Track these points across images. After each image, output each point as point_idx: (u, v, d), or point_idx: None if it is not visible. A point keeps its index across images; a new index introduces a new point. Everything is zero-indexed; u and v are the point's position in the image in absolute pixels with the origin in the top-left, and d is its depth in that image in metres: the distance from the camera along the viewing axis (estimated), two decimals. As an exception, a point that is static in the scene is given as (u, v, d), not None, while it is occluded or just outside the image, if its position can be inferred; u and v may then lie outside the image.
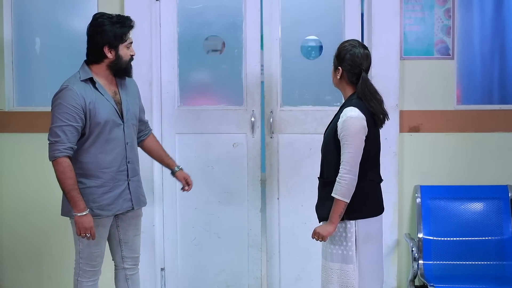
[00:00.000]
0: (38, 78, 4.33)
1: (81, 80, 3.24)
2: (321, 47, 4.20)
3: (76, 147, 3.20)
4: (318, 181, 3.25)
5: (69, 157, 3.17)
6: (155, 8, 4.15)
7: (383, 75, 4.04)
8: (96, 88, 3.26)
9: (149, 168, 4.06)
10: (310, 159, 3.91)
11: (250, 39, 4.16)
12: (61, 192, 4.15)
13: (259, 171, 4.19)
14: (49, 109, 4.16)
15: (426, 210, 4.08)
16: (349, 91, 3.17)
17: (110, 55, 3.26)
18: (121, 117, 3.31)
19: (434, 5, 4.11)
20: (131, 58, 3.32)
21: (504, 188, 4.10)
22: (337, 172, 3.05)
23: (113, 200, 3.32)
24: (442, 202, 4.11)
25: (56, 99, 3.22)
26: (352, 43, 3.17)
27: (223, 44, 4.27)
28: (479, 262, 4.01)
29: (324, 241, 3.12)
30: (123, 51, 3.27)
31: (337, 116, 3.16)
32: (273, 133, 4.15)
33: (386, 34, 4.07)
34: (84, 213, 3.17)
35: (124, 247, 3.49)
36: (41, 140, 4.17)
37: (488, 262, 4.00)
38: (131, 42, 3.29)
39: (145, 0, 4.09)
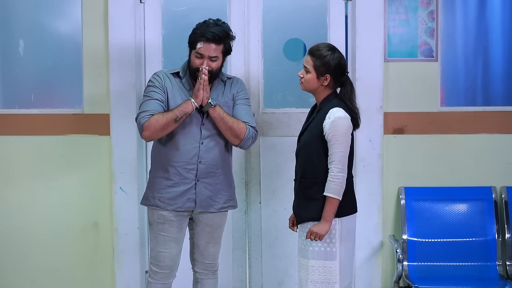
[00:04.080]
0: (22, 80, 4.30)
1: (171, 73, 3.44)
2: (304, 49, 4.20)
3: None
4: (298, 183, 3.29)
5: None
6: (139, 10, 4.14)
7: (367, 77, 4.06)
8: (182, 83, 3.41)
9: (134, 171, 4.05)
10: (293, 162, 3.84)
11: (234, 42, 4.14)
12: (46, 197, 4.19)
13: (243, 173, 4.19)
14: (33, 111, 4.21)
15: (411, 211, 4.10)
16: (325, 94, 3.25)
17: (189, 54, 3.39)
18: (202, 117, 3.36)
19: (418, 7, 4.12)
20: (198, 69, 3.29)
21: (487, 190, 4.12)
22: (326, 172, 3.13)
23: (176, 196, 3.36)
24: (427, 203, 4.12)
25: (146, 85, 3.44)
26: (331, 47, 3.25)
27: (208, 46, 4.26)
28: (463, 263, 4.03)
29: (321, 240, 3.17)
30: (192, 57, 3.35)
31: (316, 118, 3.21)
32: (255, 136, 4.16)
33: (370, 36, 4.08)
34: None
35: (196, 250, 3.51)
36: (24, 143, 4.19)
37: (472, 263, 4.03)
38: (201, 54, 3.30)
39: (129, 2, 4.07)
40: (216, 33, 3.28)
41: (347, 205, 3.23)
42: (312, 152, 3.20)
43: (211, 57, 3.30)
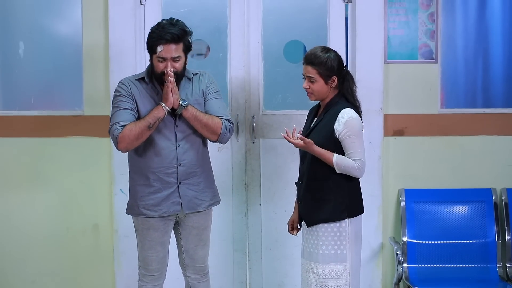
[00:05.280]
0: (22, 82, 4.30)
1: (136, 79, 3.34)
2: (304, 51, 4.20)
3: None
4: (305, 186, 3.27)
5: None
6: (139, 12, 4.14)
7: (367, 79, 4.06)
8: (149, 88, 3.32)
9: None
10: (293, 163, 3.90)
11: (234, 43, 4.16)
12: (46, 199, 4.19)
13: (243, 175, 4.19)
14: (33, 113, 4.21)
15: (411, 213, 4.10)
16: (332, 95, 3.25)
17: (150, 60, 3.31)
18: (174, 119, 3.30)
19: (418, 9, 4.13)
20: (163, 73, 3.21)
21: (487, 191, 4.12)
22: (336, 173, 3.15)
23: (160, 202, 3.32)
24: (427, 205, 4.12)
25: (113, 95, 3.36)
26: (324, 49, 3.25)
27: (208, 48, 4.27)
28: (463, 265, 4.03)
29: (296, 142, 3.15)
30: (154, 62, 3.25)
31: (325, 119, 3.22)
32: (255, 138, 4.16)
33: (370, 38, 4.08)
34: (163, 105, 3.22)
35: (185, 255, 3.48)
36: (24, 145, 4.20)
37: (472, 265, 4.03)
38: (163, 58, 3.21)
39: (129, 3, 4.07)
40: (173, 33, 3.19)
41: (356, 206, 3.24)
42: None
43: (174, 58, 3.22)
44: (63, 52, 4.28)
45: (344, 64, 3.29)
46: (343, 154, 3.17)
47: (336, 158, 3.13)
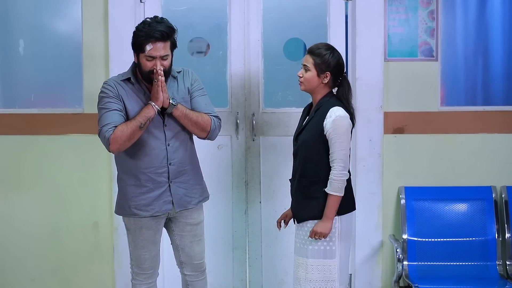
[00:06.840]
0: (22, 80, 4.31)
1: (121, 80, 3.28)
2: (304, 48, 4.21)
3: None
4: (296, 183, 3.30)
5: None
6: (139, 10, 4.14)
7: (367, 76, 4.06)
8: (135, 88, 3.27)
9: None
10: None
11: (234, 41, 4.16)
12: (46, 196, 4.20)
13: (243, 173, 4.19)
14: (33, 111, 4.21)
15: (411, 211, 4.10)
16: (323, 93, 3.27)
17: (135, 59, 3.26)
18: (163, 118, 3.27)
19: (418, 7, 4.13)
20: (152, 71, 3.17)
21: (487, 189, 4.12)
22: (327, 171, 3.16)
23: (151, 201, 3.29)
24: (427, 203, 4.12)
25: (98, 97, 3.28)
26: (329, 46, 3.29)
27: (208, 46, 4.27)
28: (463, 263, 4.03)
29: (325, 238, 3.19)
30: (142, 60, 3.20)
31: (316, 117, 3.24)
32: (255, 135, 4.16)
33: (370, 35, 4.08)
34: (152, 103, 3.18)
35: (182, 252, 3.46)
36: (25, 142, 4.20)
37: (472, 263, 4.03)
38: (152, 57, 3.16)
39: (129, 2, 4.08)
40: (163, 31, 3.14)
41: (347, 204, 3.26)
42: (312, 151, 3.22)
43: (162, 56, 3.17)
44: (63, 50, 4.28)
45: (344, 69, 3.30)
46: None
47: (328, 191, 3.16)
